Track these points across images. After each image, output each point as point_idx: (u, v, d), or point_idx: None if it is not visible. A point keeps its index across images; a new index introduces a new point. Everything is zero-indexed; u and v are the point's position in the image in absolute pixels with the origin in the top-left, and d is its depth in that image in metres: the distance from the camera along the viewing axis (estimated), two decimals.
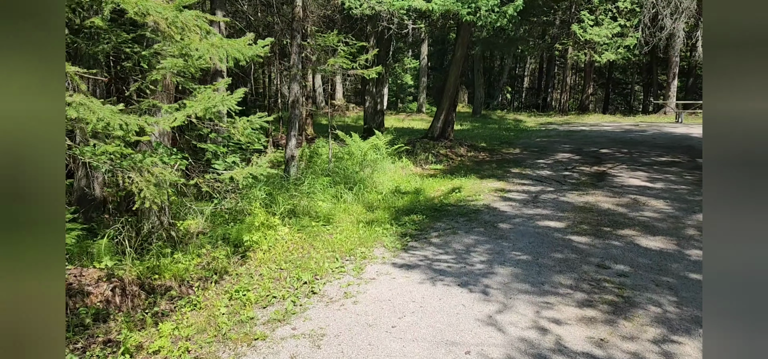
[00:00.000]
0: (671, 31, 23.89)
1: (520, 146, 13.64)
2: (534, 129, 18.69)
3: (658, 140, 14.29)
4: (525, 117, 25.19)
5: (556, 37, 30.10)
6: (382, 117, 13.16)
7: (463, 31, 12.00)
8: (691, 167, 10.11)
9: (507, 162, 10.88)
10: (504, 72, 33.31)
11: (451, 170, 9.90)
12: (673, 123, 21.07)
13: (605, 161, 10.78)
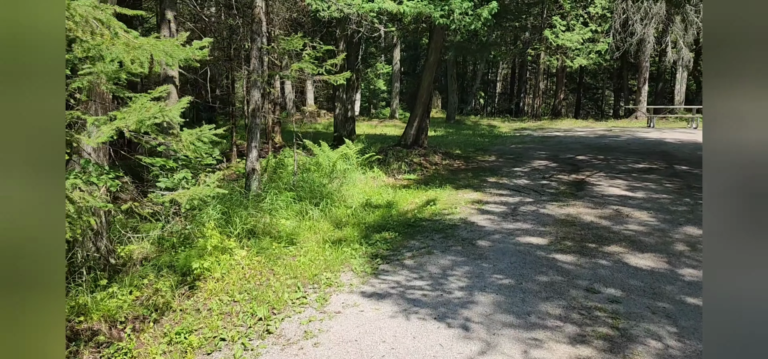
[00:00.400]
0: (641, 37, 24.11)
1: (495, 152, 13.31)
2: (508, 135, 18.46)
3: (633, 146, 14.16)
4: (499, 122, 25.04)
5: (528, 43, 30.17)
6: (353, 124, 12.65)
7: (436, 36, 11.60)
8: (670, 174, 9.90)
9: (483, 171, 10.50)
10: (477, 77, 33.24)
11: (426, 180, 9.45)
12: (645, 128, 21.16)
13: (583, 169, 10.50)
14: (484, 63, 32.98)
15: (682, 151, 13.18)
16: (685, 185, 8.81)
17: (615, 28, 24.80)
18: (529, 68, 39.12)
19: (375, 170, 9.51)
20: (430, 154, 11.74)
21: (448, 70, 24.76)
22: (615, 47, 25.16)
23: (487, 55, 27.73)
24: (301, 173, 8.14)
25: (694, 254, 5.17)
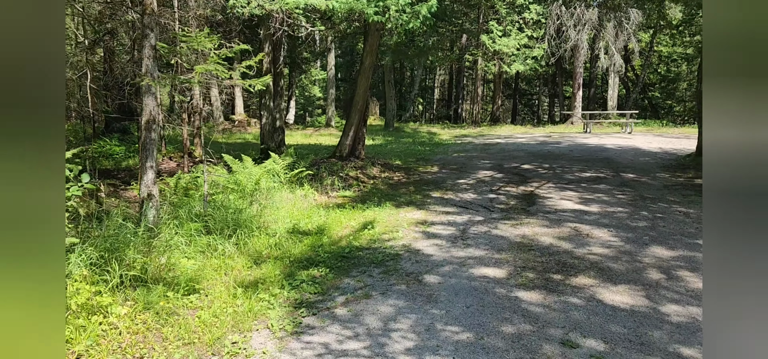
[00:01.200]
0: (575, 43, 24.46)
1: (437, 162, 12.58)
2: (449, 143, 17.89)
3: (576, 153, 13.89)
4: (438, 129, 24.57)
5: (465, 48, 30.06)
6: (283, 135, 11.51)
7: (372, 37, 10.71)
8: (619, 183, 9.49)
9: (426, 184, 9.67)
10: (415, 83, 32.80)
11: (363, 197, 8.49)
12: (583, 133, 21.31)
13: (530, 179, 9.92)
14: (421, 69, 32.60)
15: (625, 157, 13.02)
16: (637, 195, 8.37)
17: (550, 34, 25.04)
18: (466, 74, 39.26)
19: (305, 188, 8.44)
20: (367, 166, 10.80)
21: (386, 75, 24.02)
22: (550, 53, 25.42)
23: (424, 61, 27.28)
24: (215, 196, 6.93)
25: (673, 284, 4.51)
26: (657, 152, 13.97)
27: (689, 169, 11.13)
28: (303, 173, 8.61)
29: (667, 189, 8.93)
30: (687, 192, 8.69)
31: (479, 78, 27.07)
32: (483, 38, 24.00)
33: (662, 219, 6.79)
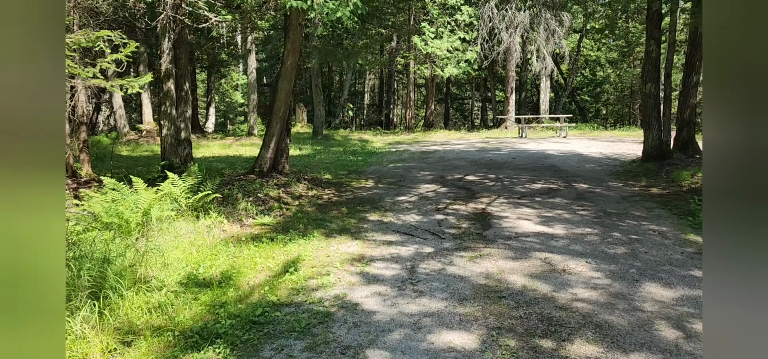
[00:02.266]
0: (508, 46, 24.15)
1: (372, 175, 11.29)
2: (383, 151, 16.68)
3: (519, 161, 13.11)
4: (371, 136, 23.37)
5: (396, 51, 29.15)
6: (189, 148, 9.75)
7: (293, 32, 9.25)
8: (574, 196, 8.63)
9: (361, 203, 8.33)
10: (345, 88, 31.45)
11: (286, 224, 7.01)
12: (519, 138, 20.87)
13: (479, 194, 8.85)
14: (351, 72, 31.33)
15: (570, 164, 12.36)
16: (599, 211, 7.49)
17: (482, 37, 24.60)
18: (397, 78, 38.45)
19: (212, 216, 6.83)
20: (292, 183, 9.30)
21: (313, 80, 22.51)
22: (483, 56, 24.98)
23: (354, 64, 26.04)
24: (82, 237, 5.20)
25: (696, 347, 3.44)
26: (600, 158, 13.48)
27: (639, 176, 10.56)
28: (209, 197, 6.99)
29: (627, 202, 8.15)
30: (649, 204, 7.94)
31: (411, 82, 26.18)
32: (415, 40, 23.11)
33: (639, 242, 5.86)
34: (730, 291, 1.79)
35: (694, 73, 11.65)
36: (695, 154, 11.66)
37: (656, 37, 11.41)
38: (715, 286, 1.83)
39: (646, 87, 11.57)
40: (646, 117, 11.62)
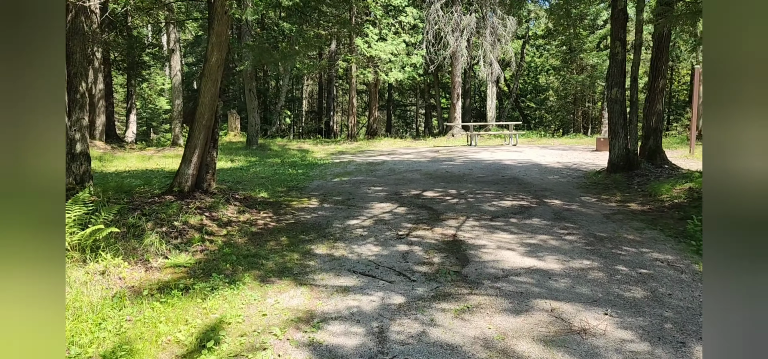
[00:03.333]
0: (454, 50, 23.39)
1: (316, 192, 9.85)
2: (326, 162, 15.24)
3: (477, 172, 12.10)
4: (311, 145, 21.83)
5: (336, 55, 27.81)
6: (87, 165, 7.92)
7: (219, 21, 7.72)
8: (552, 216, 7.61)
9: (305, 230, 6.90)
10: (281, 94, 29.68)
11: (208, 264, 5.46)
12: (468, 146, 20.06)
13: (443, 215, 7.65)
14: (288, 77, 29.62)
15: (531, 176, 11.47)
16: (587, 234, 6.47)
17: (428, 40, 23.72)
18: (336, 84, 37.09)
19: (106, 257, 5.17)
20: (219, 204, 7.72)
21: (246, 84, 20.71)
22: (429, 60, 24.11)
23: (291, 67, 24.42)
24: None
25: None
26: (560, 169, 12.72)
27: (610, 189, 9.77)
28: (102, 232, 5.32)
29: (612, 221, 7.21)
30: (636, 224, 7.03)
31: (353, 87, 24.89)
32: (358, 42, 21.85)
33: (654, 279, 4.82)
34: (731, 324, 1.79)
35: (659, 77, 11.08)
36: (663, 163, 11.07)
37: (622, 39, 10.74)
38: (716, 323, 1.82)
39: (611, 92, 10.86)
40: (612, 125, 10.91)
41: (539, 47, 32.27)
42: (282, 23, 22.47)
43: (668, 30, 10.88)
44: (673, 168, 10.77)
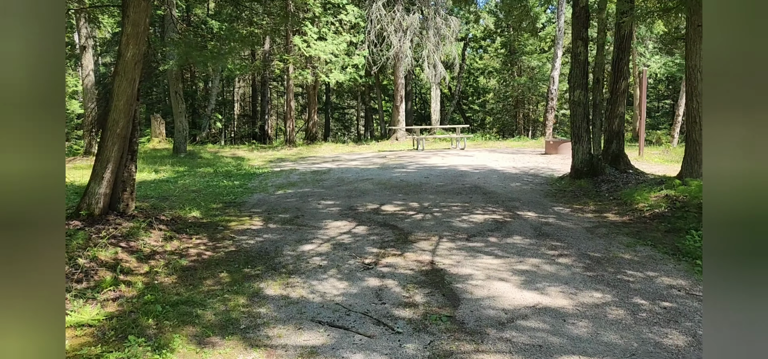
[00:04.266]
0: (397, 50, 22.60)
1: (258, 208, 8.60)
2: (265, 171, 13.90)
3: (434, 181, 11.25)
4: (246, 152, 20.29)
5: (270, 55, 26.34)
6: None
7: (134, 9, 6.36)
8: (532, 232, 6.84)
9: (250, 261, 5.70)
10: (211, 96, 27.73)
11: (122, 323, 4.17)
12: (415, 150, 19.29)
13: (411, 235, 6.67)
14: (218, 78, 27.72)
15: (493, 183, 10.78)
16: (580, 255, 5.71)
17: (370, 40, 22.79)
18: (271, 86, 35.46)
19: None
20: (139, 230, 6.34)
21: (171, 86, 18.87)
22: (371, 61, 23.18)
23: (221, 67, 22.71)
24: None
25: None
26: (519, 174, 12.14)
27: (579, 197, 9.21)
28: None
29: (598, 238, 6.53)
30: (623, 238, 6.39)
31: (291, 89, 23.53)
32: (296, 41, 20.57)
33: (682, 315, 4.07)
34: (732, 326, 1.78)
35: (621, 78, 10.71)
36: (627, 168, 10.70)
37: (584, 38, 10.25)
38: (716, 324, 1.82)
39: (574, 94, 10.35)
40: (576, 129, 10.40)
41: (480, 49, 32.22)
42: (210, 21, 20.78)
43: (629, 30, 10.52)
44: (638, 173, 10.41)
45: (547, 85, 26.50)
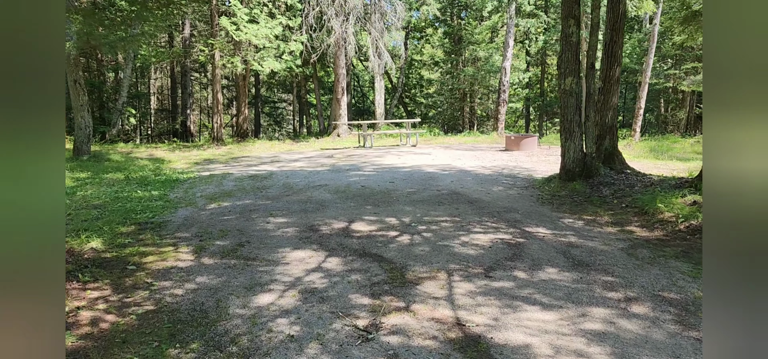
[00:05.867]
0: (339, 36, 20.70)
1: (185, 230, 6.52)
2: (191, 176, 11.62)
3: (401, 185, 9.56)
4: (166, 152, 17.67)
5: (191, 41, 23.64)
6: None
7: None
8: (565, 262, 5.30)
9: (177, 337, 3.72)
10: (123, 88, 24.50)
11: None
12: (364, 148, 17.54)
13: (409, 272, 4.92)
14: (130, 68, 24.53)
15: (471, 187, 9.25)
16: (645, 293, 4.21)
17: (308, 24, 20.73)
18: (194, 77, 32.44)
19: None
20: None
21: (70, 73, 15.91)
22: (310, 47, 21.13)
23: (134, 51, 19.82)
24: None
25: None
26: (495, 176, 10.71)
27: (584, 205, 7.85)
28: None
29: (647, 263, 5.10)
30: (679, 265, 5.00)
31: (218, 80, 21.00)
32: (223, 23, 18.17)
33: None
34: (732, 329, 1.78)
35: (616, 64, 9.49)
36: (624, 168, 9.51)
37: (576, 16, 8.92)
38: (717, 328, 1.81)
39: (565, 82, 9.00)
40: (567, 122, 9.07)
41: (421, 38, 30.90)
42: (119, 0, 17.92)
43: (624, 8, 9.31)
44: (638, 174, 9.24)
45: (497, 78, 25.58)
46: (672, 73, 20.42)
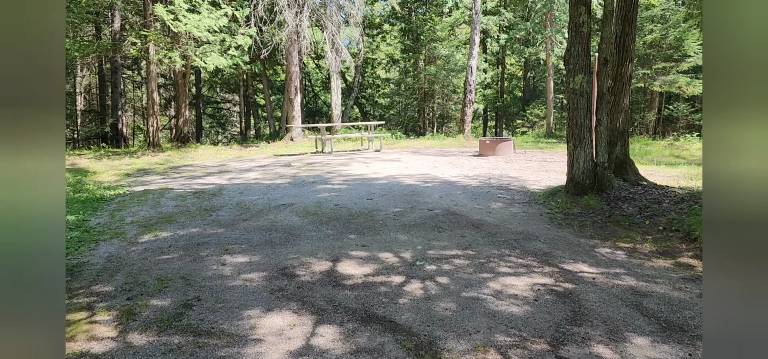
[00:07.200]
0: (292, 30, 18.95)
1: (104, 282, 4.77)
2: (120, 192, 9.66)
3: (383, 204, 8.08)
4: (92, 160, 15.41)
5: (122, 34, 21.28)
6: None
7: None
8: (655, 324, 3.98)
9: None
10: None
11: None
12: (323, 154, 15.91)
13: (443, 355, 3.45)
14: None
15: (466, 204, 7.88)
16: None
17: (257, 16, 18.86)
18: (125, 74, 29.73)
19: None
20: None
21: None
22: (260, 42, 19.26)
23: None
24: None
25: None
26: (486, 189, 9.40)
27: (609, 227, 6.62)
28: None
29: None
30: None
31: (154, 78, 18.78)
32: (158, 11, 16.07)
33: None
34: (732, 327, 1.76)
35: (628, 60, 8.36)
36: (640, 180, 8.39)
37: (587, 3, 7.73)
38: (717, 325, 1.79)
39: (574, 80, 7.79)
40: (575, 128, 7.86)
41: (378, 35, 29.51)
42: None
43: None
44: (657, 187, 8.14)
45: (460, 77, 24.49)
46: (643, 73, 19.95)
